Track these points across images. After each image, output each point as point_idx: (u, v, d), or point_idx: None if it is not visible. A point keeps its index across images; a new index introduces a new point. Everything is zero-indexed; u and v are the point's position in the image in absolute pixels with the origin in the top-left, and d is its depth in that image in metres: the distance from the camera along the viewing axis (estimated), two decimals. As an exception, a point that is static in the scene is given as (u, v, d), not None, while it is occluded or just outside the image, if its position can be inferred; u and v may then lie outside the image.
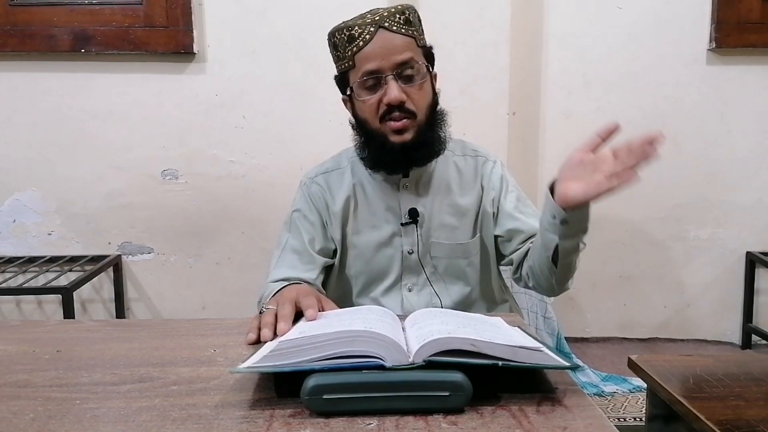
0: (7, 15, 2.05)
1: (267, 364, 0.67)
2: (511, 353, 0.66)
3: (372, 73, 1.06)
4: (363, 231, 1.20)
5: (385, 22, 1.06)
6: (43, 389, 0.71)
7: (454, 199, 1.18)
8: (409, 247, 1.18)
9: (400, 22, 1.07)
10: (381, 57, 1.05)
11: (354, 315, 0.81)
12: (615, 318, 2.31)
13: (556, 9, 2.12)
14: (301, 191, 1.24)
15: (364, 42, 1.06)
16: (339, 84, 1.16)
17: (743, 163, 2.21)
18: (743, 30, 2.10)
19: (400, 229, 1.17)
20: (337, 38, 1.10)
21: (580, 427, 0.60)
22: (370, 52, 1.06)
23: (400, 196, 1.18)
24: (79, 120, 2.12)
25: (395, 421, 0.61)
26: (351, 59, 1.08)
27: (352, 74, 1.10)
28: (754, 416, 0.67)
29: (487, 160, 1.22)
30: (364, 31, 1.06)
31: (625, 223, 2.25)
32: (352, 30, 1.07)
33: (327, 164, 1.26)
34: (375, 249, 1.19)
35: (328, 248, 1.20)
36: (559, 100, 2.16)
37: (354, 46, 1.07)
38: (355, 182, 1.20)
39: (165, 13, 2.05)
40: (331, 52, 1.14)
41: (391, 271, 1.19)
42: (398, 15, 1.08)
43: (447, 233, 1.18)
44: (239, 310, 2.15)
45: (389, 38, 1.06)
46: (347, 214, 1.20)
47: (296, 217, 1.21)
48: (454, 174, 1.20)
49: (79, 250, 2.18)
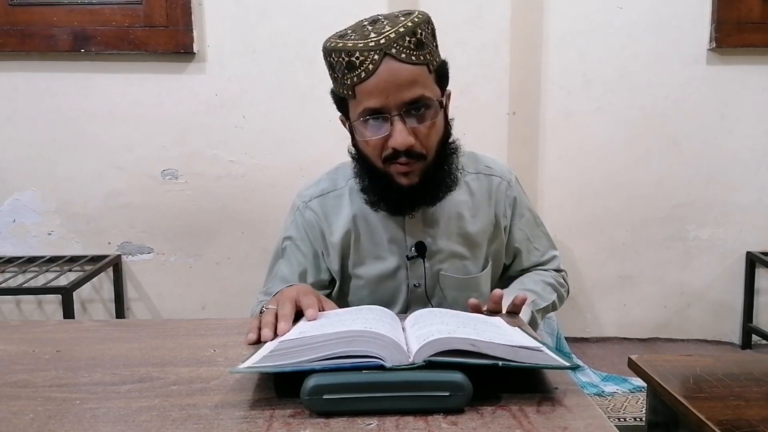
0: (7, 15, 2.05)
1: (267, 364, 0.67)
2: (512, 353, 0.66)
3: (376, 111, 0.93)
4: (366, 263, 1.12)
5: (393, 48, 0.90)
6: (43, 389, 0.71)
7: (464, 227, 1.10)
8: (416, 281, 1.11)
9: (410, 47, 0.91)
10: (386, 94, 0.91)
11: (354, 315, 0.81)
12: (615, 318, 2.31)
13: (556, 9, 2.12)
14: (294, 216, 1.14)
15: (366, 73, 0.91)
16: (335, 102, 1.03)
17: (743, 163, 2.21)
18: (743, 30, 2.10)
19: (405, 263, 1.10)
20: (333, 59, 0.95)
21: (580, 427, 0.60)
22: (373, 87, 0.92)
23: (405, 226, 1.09)
24: (79, 120, 2.12)
25: (395, 421, 0.61)
26: (351, 89, 0.94)
27: (351, 104, 0.97)
28: (754, 416, 0.67)
29: (502, 181, 1.13)
30: (366, 60, 0.90)
31: (625, 223, 2.25)
32: (353, 56, 0.91)
33: (322, 184, 1.14)
34: (378, 281, 1.12)
35: (321, 280, 1.14)
36: (559, 100, 2.16)
37: (354, 76, 0.92)
38: (355, 212, 1.10)
39: (165, 13, 2.05)
40: (327, 67, 0.99)
41: (397, 303, 1.13)
42: (408, 37, 0.91)
43: (456, 265, 1.11)
44: (239, 310, 2.14)
45: (396, 70, 0.91)
46: (347, 246, 1.12)
47: (288, 246, 1.14)
48: (465, 197, 1.10)
49: (79, 250, 2.18)
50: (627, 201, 2.23)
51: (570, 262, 2.23)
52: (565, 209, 2.22)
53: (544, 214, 2.21)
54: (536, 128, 2.18)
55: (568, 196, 2.21)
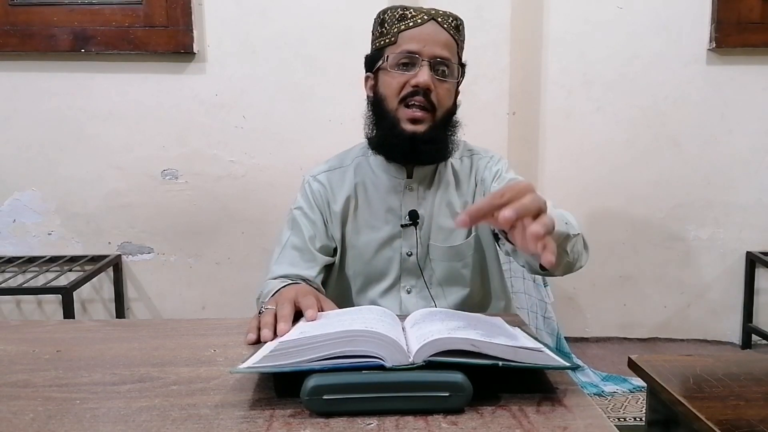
0: (7, 15, 2.05)
1: (267, 364, 0.67)
2: (512, 353, 0.66)
3: (411, 52, 1.08)
4: (362, 231, 1.19)
5: (439, 17, 1.10)
6: (43, 389, 0.71)
7: (450, 199, 1.19)
8: (408, 249, 1.18)
9: (451, 24, 1.11)
10: (424, 43, 1.08)
11: (354, 315, 0.81)
12: (615, 318, 2.31)
13: (556, 9, 2.12)
14: (303, 189, 1.24)
15: (414, 23, 1.09)
16: (368, 61, 1.17)
17: (743, 163, 2.21)
18: (743, 30, 2.10)
19: (399, 231, 1.17)
20: (387, 15, 1.12)
21: (580, 427, 0.60)
22: (415, 34, 1.09)
23: (402, 197, 1.18)
24: (79, 120, 2.12)
25: (395, 421, 0.61)
26: (395, 36, 1.10)
27: (389, 49, 1.11)
28: (754, 416, 0.67)
29: (483, 157, 1.23)
30: (416, 16, 1.10)
31: (625, 223, 2.25)
32: (406, 11, 1.10)
33: (331, 162, 1.26)
34: (374, 250, 1.18)
35: (329, 246, 1.20)
36: (559, 100, 2.16)
37: (402, 24, 1.10)
38: (357, 182, 1.20)
39: (165, 13, 2.05)
40: (373, 28, 1.16)
41: (390, 273, 1.19)
42: (451, 18, 1.12)
43: (444, 236, 1.18)
44: (239, 310, 2.14)
45: (437, 31, 1.09)
46: (347, 213, 1.20)
47: (297, 214, 1.21)
48: (451, 177, 1.21)
49: (79, 250, 2.18)
50: (627, 201, 2.23)
51: (570, 262, 2.23)
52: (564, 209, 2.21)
53: (544, 214, 2.21)
54: (536, 128, 2.18)
55: (567, 196, 2.21)
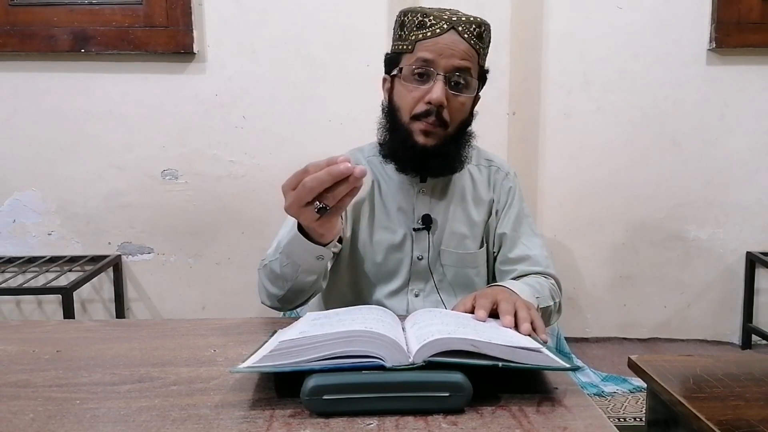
0: (7, 15, 2.05)
1: (267, 364, 0.67)
2: (511, 354, 0.66)
3: (426, 62, 1.06)
4: (375, 231, 1.18)
5: (460, 26, 1.06)
6: (43, 389, 0.71)
7: (467, 208, 1.18)
8: (419, 253, 1.16)
9: (472, 32, 1.07)
10: (441, 54, 1.05)
11: (354, 315, 0.81)
12: (615, 318, 2.31)
13: (556, 9, 2.12)
14: None
15: (432, 34, 1.06)
16: (387, 62, 1.15)
17: (743, 163, 2.21)
18: (743, 30, 2.10)
19: (411, 234, 1.16)
20: (407, 19, 1.09)
21: (580, 427, 0.60)
22: (432, 44, 1.06)
23: (415, 200, 1.17)
24: (79, 120, 2.12)
25: (395, 422, 0.61)
26: (412, 44, 1.08)
27: (405, 57, 1.09)
28: (754, 416, 0.67)
29: (500, 170, 1.23)
30: (435, 25, 1.06)
31: (625, 223, 2.25)
32: (426, 18, 1.07)
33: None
34: (385, 250, 1.17)
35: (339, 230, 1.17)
36: (559, 100, 2.17)
37: (420, 33, 1.07)
38: (372, 179, 1.19)
39: (165, 13, 2.05)
40: (394, 29, 1.14)
41: (399, 275, 1.17)
42: (474, 26, 1.08)
43: (457, 242, 1.17)
44: (239, 310, 2.15)
45: (456, 41, 1.06)
46: (359, 212, 1.18)
47: None
48: (468, 183, 1.20)
49: (79, 250, 2.18)
50: (627, 201, 2.23)
51: (570, 262, 2.23)
52: (564, 209, 2.22)
53: (544, 214, 2.21)
54: (536, 128, 2.18)
55: (567, 196, 2.21)
